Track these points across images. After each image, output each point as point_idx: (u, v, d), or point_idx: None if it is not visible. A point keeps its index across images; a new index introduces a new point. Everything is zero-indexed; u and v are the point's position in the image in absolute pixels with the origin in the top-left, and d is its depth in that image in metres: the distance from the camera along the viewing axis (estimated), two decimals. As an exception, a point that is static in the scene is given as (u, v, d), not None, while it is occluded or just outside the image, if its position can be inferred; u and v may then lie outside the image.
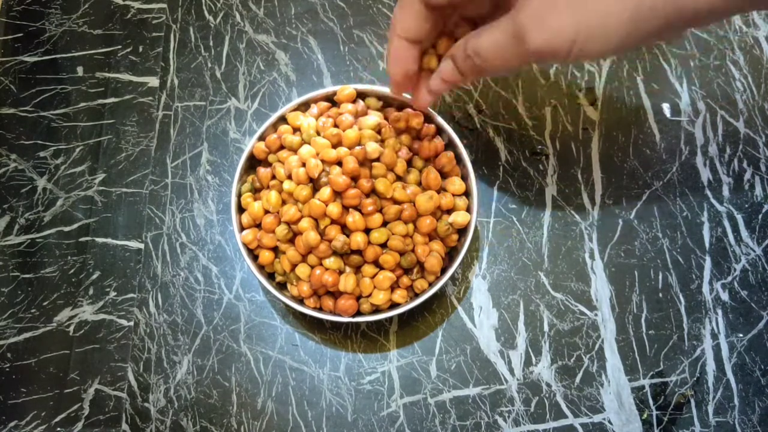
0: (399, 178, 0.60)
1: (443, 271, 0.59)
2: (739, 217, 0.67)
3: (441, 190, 0.60)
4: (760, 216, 0.67)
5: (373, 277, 0.58)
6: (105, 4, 0.77)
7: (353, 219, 0.56)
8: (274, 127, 0.62)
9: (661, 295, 0.64)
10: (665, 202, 0.67)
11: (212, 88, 0.73)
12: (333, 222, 0.57)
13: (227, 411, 0.61)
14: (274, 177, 0.60)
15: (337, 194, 0.57)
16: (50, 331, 0.64)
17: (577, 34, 0.43)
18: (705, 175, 0.68)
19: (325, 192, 0.56)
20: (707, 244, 0.66)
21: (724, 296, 0.64)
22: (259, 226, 0.60)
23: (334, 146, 0.58)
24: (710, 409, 0.61)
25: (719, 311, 0.64)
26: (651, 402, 0.61)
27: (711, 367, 0.62)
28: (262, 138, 0.62)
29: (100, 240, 0.67)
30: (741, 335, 0.63)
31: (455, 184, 0.60)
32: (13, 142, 0.71)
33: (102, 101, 0.73)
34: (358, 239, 0.56)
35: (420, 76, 0.57)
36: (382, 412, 0.61)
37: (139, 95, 0.73)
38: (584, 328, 0.63)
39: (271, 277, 0.61)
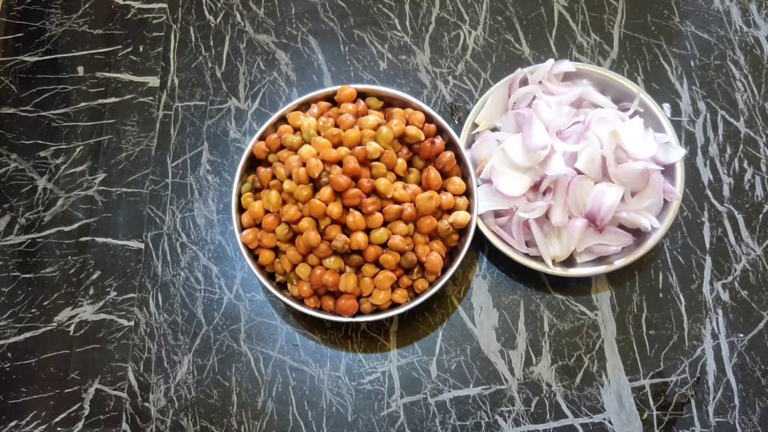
0: (399, 178, 0.60)
1: (444, 270, 0.59)
2: (739, 217, 0.67)
3: (441, 189, 0.60)
4: (760, 216, 0.67)
5: (373, 276, 0.58)
6: (105, 4, 0.77)
7: (354, 219, 0.56)
8: (275, 126, 0.62)
9: (661, 295, 0.64)
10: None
11: (212, 88, 0.73)
12: (333, 222, 0.57)
13: (227, 411, 0.61)
14: (274, 177, 0.60)
15: (338, 194, 0.57)
16: (50, 330, 0.64)
17: None
18: (705, 175, 0.68)
19: (326, 192, 0.56)
20: (707, 244, 0.66)
21: (725, 296, 0.64)
22: (259, 225, 0.60)
23: (335, 146, 0.58)
24: (710, 409, 0.60)
25: (719, 311, 0.64)
26: (651, 402, 0.61)
27: (711, 367, 0.62)
28: (262, 138, 0.62)
29: (100, 240, 0.67)
30: (741, 335, 0.63)
31: (455, 183, 0.60)
32: (13, 142, 0.71)
33: (102, 101, 0.73)
34: (358, 239, 0.56)
35: None
36: (383, 412, 0.61)
37: (140, 95, 0.73)
38: (584, 328, 0.63)
39: (271, 277, 0.61)
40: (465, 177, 0.61)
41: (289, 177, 0.58)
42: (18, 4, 0.77)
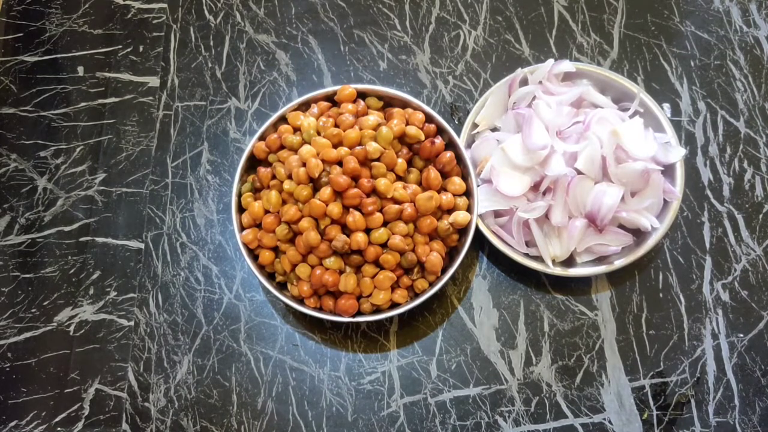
0: (399, 178, 0.60)
1: (443, 270, 0.59)
2: (739, 217, 0.67)
3: (441, 189, 0.60)
4: (760, 216, 0.67)
5: (373, 276, 0.58)
6: (105, 4, 0.77)
7: (354, 219, 0.56)
8: (275, 126, 0.62)
9: (661, 295, 0.64)
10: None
11: (212, 88, 0.73)
12: (333, 222, 0.57)
13: (227, 411, 0.61)
14: (274, 177, 0.60)
15: (338, 194, 0.57)
16: (50, 330, 0.64)
17: None
18: (705, 175, 0.68)
19: (326, 192, 0.56)
20: (707, 244, 0.66)
21: (725, 296, 0.64)
22: (259, 225, 0.60)
23: (335, 146, 0.58)
24: (710, 409, 0.60)
25: (719, 311, 0.64)
26: (651, 402, 0.61)
27: (711, 367, 0.62)
28: (262, 138, 0.62)
29: (100, 240, 0.67)
30: (741, 335, 0.63)
31: (455, 183, 0.60)
32: (13, 142, 0.71)
33: (102, 101, 0.73)
34: (358, 239, 0.56)
35: None
36: (383, 412, 0.61)
37: (140, 95, 0.73)
38: (584, 328, 0.63)
39: (271, 277, 0.61)
40: (465, 177, 0.61)
41: (289, 177, 0.58)
42: (18, 4, 0.77)
